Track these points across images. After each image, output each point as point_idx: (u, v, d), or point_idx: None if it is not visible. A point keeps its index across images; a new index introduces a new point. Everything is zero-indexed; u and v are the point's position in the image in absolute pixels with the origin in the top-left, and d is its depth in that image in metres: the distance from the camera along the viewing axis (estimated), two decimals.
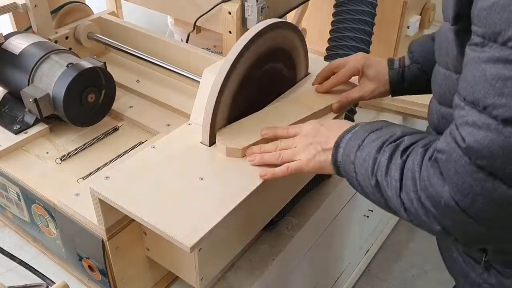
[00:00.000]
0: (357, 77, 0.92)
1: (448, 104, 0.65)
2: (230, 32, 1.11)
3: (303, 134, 0.77)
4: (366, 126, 0.71)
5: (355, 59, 0.91)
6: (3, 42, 1.06)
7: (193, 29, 1.21)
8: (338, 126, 0.75)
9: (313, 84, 0.96)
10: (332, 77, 0.93)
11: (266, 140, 0.81)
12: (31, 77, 1.00)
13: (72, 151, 1.00)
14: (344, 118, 1.20)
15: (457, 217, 0.56)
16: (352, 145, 0.69)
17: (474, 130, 0.53)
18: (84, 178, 0.93)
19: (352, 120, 1.29)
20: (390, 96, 0.91)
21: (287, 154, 0.76)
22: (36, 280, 0.91)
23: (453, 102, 0.58)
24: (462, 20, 0.58)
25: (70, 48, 1.21)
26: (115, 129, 1.07)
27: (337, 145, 0.72)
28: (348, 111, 1.17)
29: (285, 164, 0.76)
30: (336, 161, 0.72)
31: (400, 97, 1.53)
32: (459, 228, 0.58)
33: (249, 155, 0.79)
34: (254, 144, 0.80)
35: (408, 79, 0.87)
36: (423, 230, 0.64)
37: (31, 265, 0.93)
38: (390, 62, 0.89)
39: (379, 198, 0.66)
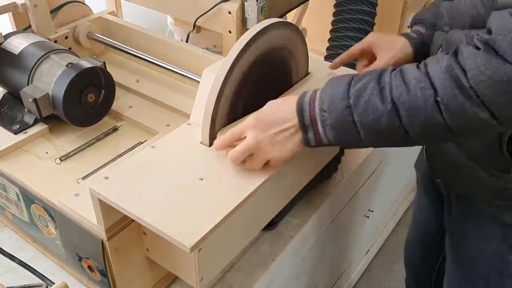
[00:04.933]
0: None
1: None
2: (230, 32, 1.11)
3: (251, 135, 0.75)
4: (339, 78, 0.73)
5: (366, 38, 0.99)
6: (3, 42, 1.05)
7: (193, 29, 1.21)
8: (281, 103, 0.77)
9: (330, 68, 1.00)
10: (344, 53, 0.99)
11: None
12: (30, 77, 1.00)
13: (71, 151, 0.99)
14: None
15: None
16: (336, 95, 0.70)
17: None
18: (83, 178, 0.93)
19: None
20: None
21: (257, 162, 0.76)
22: (36, 280, 0.91)
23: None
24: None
25: (70, 48, 1.21)
26: (115, 129, 1.06)
27: (300, 110, 0.73)
28: None
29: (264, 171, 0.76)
30: (304, 125, 0.73)
31: None
32: None
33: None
34: None
35: (429, 42, 0.95)
36: None
37: (30, 265, 0.93)
38: (406, 34, 0.98)
39: (391, 125, 0.67)
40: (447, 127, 0.66)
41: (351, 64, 1.05)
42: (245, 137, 0.76)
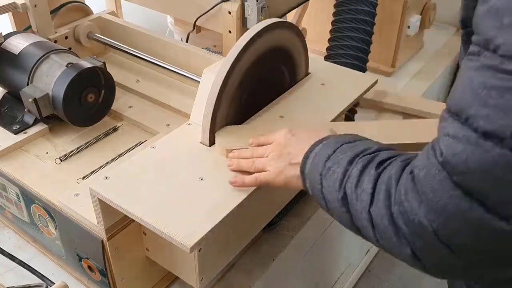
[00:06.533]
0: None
1: None
2: (230, 32, 1.11)
3: (275, 143, 0.75)
4: (338, 138, 0.67)
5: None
6: (3, 42, 1.05)
7: (193, 29, 1.21)
8: (309, 137, 0.71)
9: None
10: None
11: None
12: (30, 77, 1.00)
13: (71, 151, 0.99)
14: (345, 119, 1.20)
15: (429, 240, 0.51)
16: (322, 155, 0.65)
17: (453, 143, 0.48)
18: (83, 178, 0.93)
19: (353, 120, 1.29)
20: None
21: (260, 163, 0.74)
22: (36, 280, 0.90)
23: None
24: (469, 26, 0.54)
25: (70, 48, 1.21)
26: (115, 129, 1.06)
27: (306, 157, 0.68)
28: (348, 111, 1.17)
29: (255, 175, 0.73)
30: (303, 172, 0.68)
31: (401, 97, 1.52)
32: (430, 254, 0.53)
33: (230, 158, 0.78)
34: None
35: None
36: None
37: (30, 265, 0.93)
38: None
39: (343, 213, 0.60)
40: (378, 243, 0.57)
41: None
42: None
